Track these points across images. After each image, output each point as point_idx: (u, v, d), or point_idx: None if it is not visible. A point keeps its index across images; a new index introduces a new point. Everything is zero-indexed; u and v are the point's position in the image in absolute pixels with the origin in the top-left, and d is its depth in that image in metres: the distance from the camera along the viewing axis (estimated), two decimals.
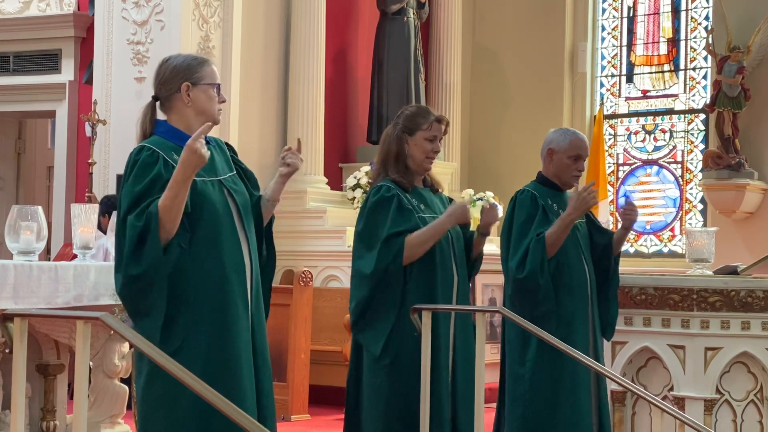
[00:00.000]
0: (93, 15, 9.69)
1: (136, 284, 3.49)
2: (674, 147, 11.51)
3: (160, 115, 3.76)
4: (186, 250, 3.54)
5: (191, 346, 3.52)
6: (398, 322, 4.31)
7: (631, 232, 11.49)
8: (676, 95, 11.58)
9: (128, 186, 3.57)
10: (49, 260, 8.84)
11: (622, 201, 11.62)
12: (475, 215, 4.84)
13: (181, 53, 3.90)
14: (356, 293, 4.40)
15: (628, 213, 4.96)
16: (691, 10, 11.56)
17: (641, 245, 11.61)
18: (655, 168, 11.59)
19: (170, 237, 3.50)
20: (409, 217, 4.38)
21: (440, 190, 4.65)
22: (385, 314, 4.31)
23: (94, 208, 5.80)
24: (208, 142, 3.77)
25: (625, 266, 10.74)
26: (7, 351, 4.99)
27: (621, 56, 11.93)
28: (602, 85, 12.01)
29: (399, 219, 4.36)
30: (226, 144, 3.90)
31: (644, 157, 11.67)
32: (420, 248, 4.36)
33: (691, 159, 11.41)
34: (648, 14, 11.79)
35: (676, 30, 11.63)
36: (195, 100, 3.69)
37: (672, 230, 11.44)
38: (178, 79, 3.69)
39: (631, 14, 11.90)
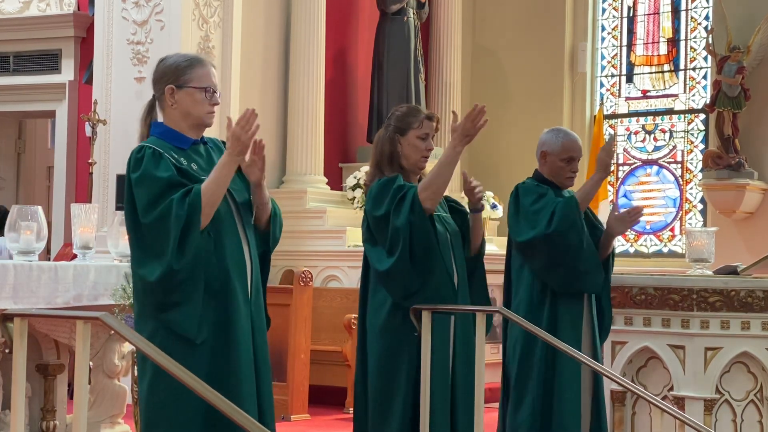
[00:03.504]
0: (93, 15, 9.69)
1: (177, 276, 3.48)
2: (674, 147, 11.51)
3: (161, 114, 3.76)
4: (211, 237, 3.54)
5: (195, 344, 3.53)
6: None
7: (631, 231, 11.53)
8: (676, 95, 11.58)
9: (145, 178, 3.53)
10: (49, 260, 8.84)
11: (622, 201, 11.62)
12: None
13: (178, 52, 3.89)
14: (388, 259, 4.26)
15: (632, 218, 4.96)
16: (691, 10, 11.56)
17: (641, 245, 11.61)
18: (655, 168, 11.59)
19: (205, 225, 3.51)
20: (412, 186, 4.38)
21: None
22: (434, 271, 4.26)
23: (94, 208, 5.81)
24: (206, 143, 3.78)
25: (625, 266, 10.77)
26: (7, 351, 4.99)
27: (621, 56, 11.93)
28: (602, 85, 12.01)
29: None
30: (224, 143, 3.89)
31: (644, 157, 11.67)
32: (437, 183, 4.29)
33: (691, 159, 11.41)
34: (648, 14, 11.79)
35: (676, 30, 11.62)
36: (179, 102, 3.67)
37: (672, 230, 11.44)
38: (164, 81, 3.69)
39: (631, 14, 11.90)
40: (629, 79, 11.88)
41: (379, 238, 4.34)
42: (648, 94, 11.76)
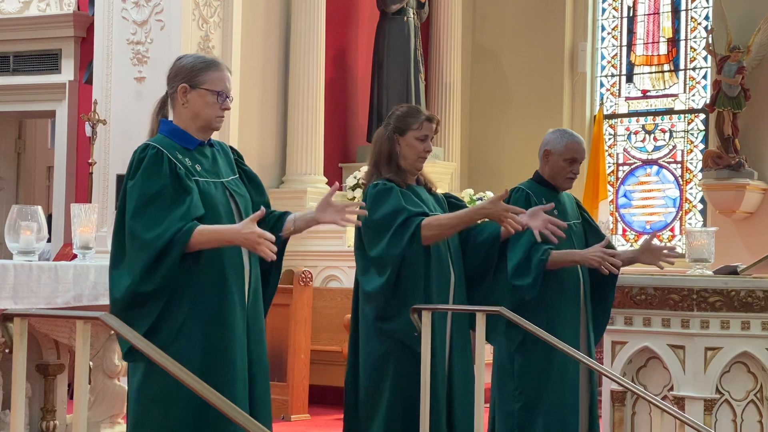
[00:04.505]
0: (93, 15, 9.69)
1: (140, 298, 3.50)
2: (674, 147, 11.51)
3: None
4: (194, 266, 3.55)
5: (187, 345, 3.53)
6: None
7: (632, 231, 11.54)
8: (676, 95, 11.58)
9: (137, 185, 3.55)
10: (49, 260, 8.83)
11: (622, 201, 11.63)
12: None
13: (197, 53, 3.90)
14: (374, 280, 4.32)
15: (663, 255, 4.94)
16: (691, 10, 11.56)
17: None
18: (655, 168, 11.59)
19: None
20: (417, 204, 4.37)
21: (434, 189, 4.65)
22: (413, 301, 4.26)
23: (94, 208, 5.80)
24: (212, 144, 3.78)
25: (625, 266, 10.75)
26: (7, 351, 4.99)
27: (621, 56, 11.93)
28: (602, 85, 12.01)
29: (409, 203, 4.35)
30: (231, 148, 3.91)
31: (644, 157, 11.67)
32: (444, 232, 4.32)
33: (691, 159, 11.41)
34: (648, 14, 11.79)
35: (676, 30, 11.62)
36: (191, 102, 3.68)
37: (672, 230, 11.44)
38: (179, 79, 3.70)
39: (631, 14, 11.90)
40: (629, 79, 11.88)
41: (367, 243, 4.35)
42: (648, 94, 11.76)
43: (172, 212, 3.50)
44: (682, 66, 11.57)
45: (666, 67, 11.66)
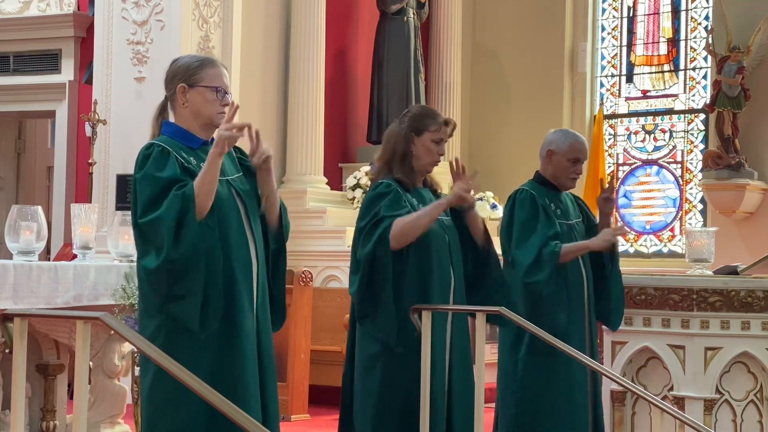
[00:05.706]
0: (93, 15, 9.69)
1: (175, 267, 3.48)
2: (674, 147, 11.51)
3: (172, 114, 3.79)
4: (213, 230, 3.54)
5: (199, 342, 3.53)
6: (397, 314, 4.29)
7: (631, 232, 11.53)
8: (676, 95, 11.58)
9: (149, 173, 3.56)
10: (49, 260, 8.84)
11: (622, 201, 11.63)
12: (481, 215, 4.82)
13: (191, 53, 3.92)
14: (353, 281, 4.43)
15: (607, 202, 4.95)
16: (691, 10, 11.56)
17: (641, 245, 11.61)
18: (655, 168, 11.59)
19: (202, 218, 3.51)
20: (402, 208, 4.37)
21: (439, 191, 4.65)
22: (386, 302, 4.27)
23: (94, 208, 5.81)
24: (211, 142, 3.79)
25: (625, 266, 10.76)
26: (7, 351, 4.99)
27: (621, 56, 11.93)
28: (602, 85, 12.01)
29: (393, 206, 4.35)
30: (234, 147, 3.92)
31: (644, 157, 11.67)
32: (410, 228, 4.28)
33: (691, 159, 11.41)
34: (648, 14, 11.79)
35: (676, 30, 11.62)
36: (191, 101, 3.70)
37: (672, 230, 11.44)
38: (176, 80, 3.72)
39: (631, 14, 11.90)
40: (629, 79, 11.88)
41: (353, 246, 4.43)
42: (648, 94, 11.76)
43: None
44: (682, 66, 11.57)
45: (666, 67, 11.66)
